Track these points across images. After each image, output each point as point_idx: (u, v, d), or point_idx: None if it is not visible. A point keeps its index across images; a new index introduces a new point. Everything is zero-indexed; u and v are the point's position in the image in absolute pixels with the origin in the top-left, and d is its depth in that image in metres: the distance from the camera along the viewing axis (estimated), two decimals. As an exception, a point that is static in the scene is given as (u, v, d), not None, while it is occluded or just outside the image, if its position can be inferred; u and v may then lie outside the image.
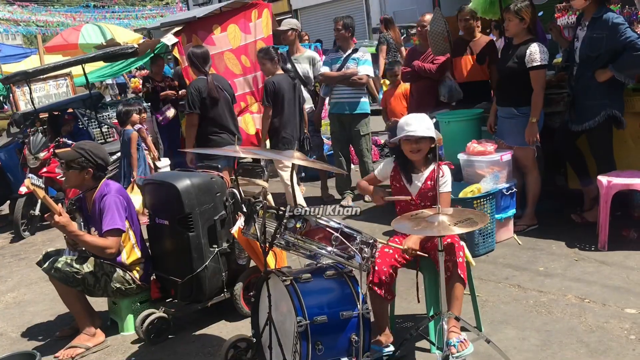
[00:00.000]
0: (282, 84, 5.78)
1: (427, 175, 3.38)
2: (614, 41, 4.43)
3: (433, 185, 3.35)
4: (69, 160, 3.83)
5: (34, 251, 6.27)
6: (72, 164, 3.81)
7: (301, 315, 2.73)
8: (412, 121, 3.32)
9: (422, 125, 3.28)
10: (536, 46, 4.73)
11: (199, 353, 3.65)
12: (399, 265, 3.29)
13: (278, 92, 5.76)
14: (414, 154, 3.35)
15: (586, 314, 3.57)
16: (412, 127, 3.28)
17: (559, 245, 4.67)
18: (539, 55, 4.70)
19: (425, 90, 5.97)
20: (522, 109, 4.85)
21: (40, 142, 7.07)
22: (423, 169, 3.41)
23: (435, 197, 3.29)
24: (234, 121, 5.76)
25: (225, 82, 5.88)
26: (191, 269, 3.80)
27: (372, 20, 18.28)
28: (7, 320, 4.53)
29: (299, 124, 6.03)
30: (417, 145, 3.32)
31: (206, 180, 3.89)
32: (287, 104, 5.80)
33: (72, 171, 3.84)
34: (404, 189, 3.45)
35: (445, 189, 3.34)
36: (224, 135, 5.53)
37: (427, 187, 3.37)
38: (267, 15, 7.96)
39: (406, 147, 3.36)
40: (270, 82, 5.79)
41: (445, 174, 3.36)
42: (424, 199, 3.38)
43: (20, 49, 18.51)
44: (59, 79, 10.02)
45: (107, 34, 13.48)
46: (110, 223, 3.75)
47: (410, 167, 3.43)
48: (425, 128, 3.28)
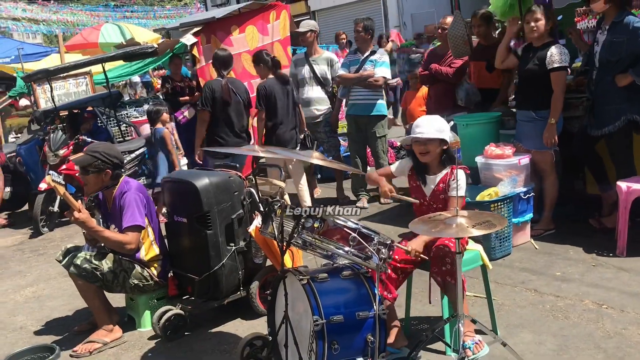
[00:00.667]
0: (274, 87, 5.88)
1: (441, 178, 3.38)
2: (634, 45, 4.40)
3: (445, 188, 3.34)
4: (85, 165, 3.85)
5: (53, 247, 6.35)
6: (90, 168, 3.85)
7: (318, 315, 2.74)
8: (422, 123, 3.33)
9: (431, 127, 3.28)
10: (557, 48, 4.71)
11: (215, 350, 3.68)
12: (399, 264, 3.26)
13: (270, 96, 5.87)
14: (422, 155, 3.36)
15: (604, 319, 3.55)
16: (421, 129, 3.30)
17: (577, 251, 4.64)
18: (560, 56, 4.67)
19: (443, 93, 5.97)
20: (541, 112, 4.82)
21: (60, 139, 7.16)
22: (437, 171, 3.40)
23: (447, 199, 3.30)
24: (242, 125, 5.90)
25: (241, 86, 5.98)
26: (208, 267, 3.83)
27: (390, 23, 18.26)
28: (26, 314, 4.60)
29: (296, 125, 6.13)
30: (424, 147, 3.32)
31: (224, 179, 3.92)
32: (279, 106, 5.91)
33: (90, 175, 3.87)
34: (419, 189, 3.46)
35: (458, 193, 3.30)
36: (228, 138, 5.73)
37: (440, 190, 3.37)
38: (285, 16, 8.01)
39: (415, 149, 3.38)
40: (262, 86, 5.92)
41: (459, 178, 3.27)
42: (436, 201, 3.38)
43: (40, 48, 18.69)
44: (78, 77, 10.12)
45: (126, 34, 13.62)
46: (130, 220, 3.79)
47: (425, 168, 3.43)
48: (435, 130, 3.27)
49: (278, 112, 5.92)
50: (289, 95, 6.03)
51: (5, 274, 5.69)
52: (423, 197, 3.44)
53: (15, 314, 4.64)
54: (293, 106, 6.10)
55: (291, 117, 6.05)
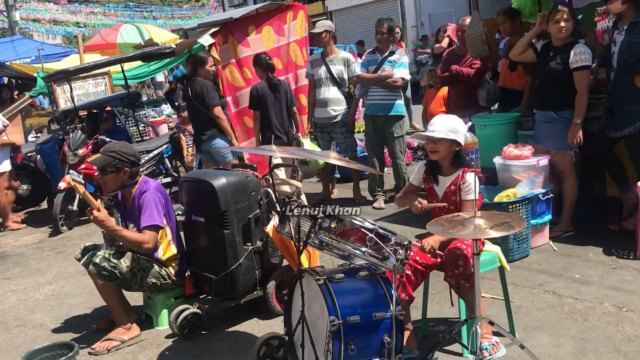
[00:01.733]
0: (265, 90, 6.32)
1: (452, 180, 3.36)
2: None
3: (455, 190, 3.32)
4: (104, 166, 3.88)
5: (72, 245, 6.42)
6: (108, 168, 3.87)
7: (334, 315, 2.73)
8: (435, 121, 3.34)
9: (444, 127, 3.27)
10: (581, 47, 4.66)
11: (231, 349, 3.69)
12: (419, 267, 3.25)
13: (261, 97, 6.31)
14: (432, 153, 3.36)
15: (624, 323, 3.50)
16: (433, 127, 3.30)
17: (596, 253, 4.59)
18: (584, 56, 4.62)
19: (465, 93, 5.96)
20: (562, 113, 4.77)
21: (80, 139, 7.23)
22: (450, 172, 3.39)
23: (458, 200, 3.29)
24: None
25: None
26: (225, 266, 3.85)
27: (407, 23, 18.20)
28: (46, 312, 4.65)
29: (287, 125, 6.50)
30: (434, 145, 3.31)
31: (242, 179, 3.94)
32: (270, 107, 6.32)
33: (109, 176, 3.90)
34: (432, 190, 3.46)
35: (468, 197, 3.26)
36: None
37: (450, 191, 3.36)
38: (302, 17, 8.01)
39: (426, 146, 3.39)
40: (254, 88, 6.41)
41: (468, 181, 3.26)
42: (448, 202, 3.36)
43: (60, 48, 18.93)
44: (97, 77, 10.23)
45: (145, 34, 13.72)
46: (148, 219, 3.82)
47: (438, 169, 3.42)
48: (447, 129, 3.26)
49: (268, 112, 6.33)
50: (281, 99, 6.39)
51: (25, 272, 5.76)
52: (436, 198, 3.43)
53: (34, 311, 4.70)
54: (287, 110, 6.46)
55: (282, 121, 6.41)
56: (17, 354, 3.89)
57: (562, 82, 4.72)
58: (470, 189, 3.24)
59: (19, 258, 6.24)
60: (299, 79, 8.01)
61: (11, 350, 4.01)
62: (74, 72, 8.00)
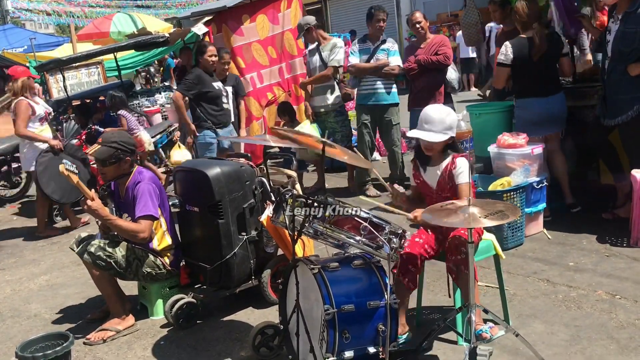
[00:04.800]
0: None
1: (444, 168, 3.35)
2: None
3: (448, 178, 3.32)
4: (106, 157, 3.85)
5: (66, 236, 6.40)
6: (111, 159, 3.86)
7: (329, 304, 2.74)
8: (430, 119, 3.27)
9: (440, 126, 3.24)
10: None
11: (226, 339, 3.70)
12: (427, 255, 3.29)
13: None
14: (427, 150, 3.36)
15: (617, 310, 3.52)
16: (430, 126, 3.25)
17: (590, 241, 4.61)
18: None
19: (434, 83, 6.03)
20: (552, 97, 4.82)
21: (73, 129, 7.20)
22: (439, 161, 3.38)
23: (454, 189, 3.29)
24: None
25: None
26: (220, 256, 3.85)
27: (402, 11, 18.10)
28: (40, 302, 4.65)
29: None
30: (430, 143, 3.30)
31: (236, 169, 3.92)
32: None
33: (110, 167, 3.88)
34: (424, 184, 3.45)
35: (462, 180, 3.26)
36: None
37: (444, 180, 3.35)
38: (296, 5, 7.97)
39: (421, 143, 3.38)
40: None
41: (460, 166, 3.27)
42: (443, 190, 3.36)
43: (53, 38, 18.79)
44: (90, 67, 10.18)
45: (138, 23, 13.63)
46: (143, 209, 3.81)
47: (426, 159, 3.42)
48: (442, 129, 3.24)
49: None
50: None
51: (19, 262, 5.75)
52: (430, 190, 3.43)
53: (29, 301, 4.69)
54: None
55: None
56: (12, 344, 3.88)
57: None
58: (462, 172, 3.25)
59: (13, 249, 6.22)
60: (292, 69, 7.98)
61: (6, 341, 4.01)
62: (66, 62, 7.96)
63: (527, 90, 5.05)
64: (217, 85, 6.16)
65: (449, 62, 6.03)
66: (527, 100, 5.04)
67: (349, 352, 2.78)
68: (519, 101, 5.12)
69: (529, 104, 5.03)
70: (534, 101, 4.99)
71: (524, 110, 5.07)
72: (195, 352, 3.58)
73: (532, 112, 5.01)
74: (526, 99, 5.05)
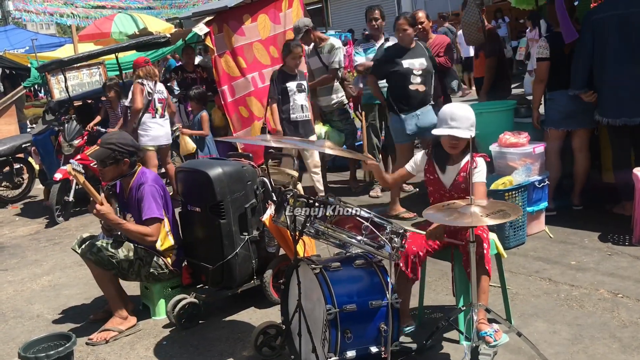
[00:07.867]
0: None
1: (462, 167, 3.34)
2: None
3: (466, 177, 3.31)
4: (103, 158, 3.86)
5: (68, 236, 6.41)
6: (107, 161, 3.86)
7: (330, 304, 2.75)
8: (458, 116, 3.23)
9: (466, 123, 3.22)
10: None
11: (229, 338, 3.70)
12: (430, 249, 3.29)
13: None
14: (452, 148, 3.32)
15: (619, 309, 3.52)
16: (457, 123, 3.21)
17: (592, 239, 4.60)
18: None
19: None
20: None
21: (75, 129, 7.20)
22: (457, 160, 3.37)
23: (468, 189, 3.27)
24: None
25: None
26: (222, 256, 3.85)
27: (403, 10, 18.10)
28: (43, 303, 4.65)
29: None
30: (457, 141, 3.28)
31: (237, 169, 3.93)
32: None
33: (109, 167, 3.88)
34: (437, 181, 3.43)
35: (479, 179, 3.27)
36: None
37: (460, 180, 3.34)
38: (297, 4, 7.94)
39: (445, 141, 3.32)
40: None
41: (480, 165, 3.28)
42: (457, 191, 3.35)
43: (54, 39, 18.80)
44: (92, 67, 10.16)
45: (139, 24, 13.60)
46: (148, 212, 3.81)
47: (446, 158, 3.40)
48: (468, 126, 3.22)
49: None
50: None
51: (21, 262, 5.76)
52: (442, 189, 3.41)
53: (32, 302, 4.70)
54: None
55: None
56: (14, 344, 3.89)
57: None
58: (480, 171, 3.27)
59: (15, 249, 6.23)
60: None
61: (9, 341, 4.02)
62: (68, 63, 7.94)
63: (559, 83, 5.01)
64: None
65: (449, 63, 6.02)
66: (559, 93, 5.00)
67: (351, 351, 2.78)
68: (550, 94, 5.12)
69: (560, 95, 4.98)
70: (565, 93, 4.95)
71: (555, 102, 5.05)
72: (198, 352, 3.58)
73: (563, 104, 4.97)
74: (557, 91, 5.02)
